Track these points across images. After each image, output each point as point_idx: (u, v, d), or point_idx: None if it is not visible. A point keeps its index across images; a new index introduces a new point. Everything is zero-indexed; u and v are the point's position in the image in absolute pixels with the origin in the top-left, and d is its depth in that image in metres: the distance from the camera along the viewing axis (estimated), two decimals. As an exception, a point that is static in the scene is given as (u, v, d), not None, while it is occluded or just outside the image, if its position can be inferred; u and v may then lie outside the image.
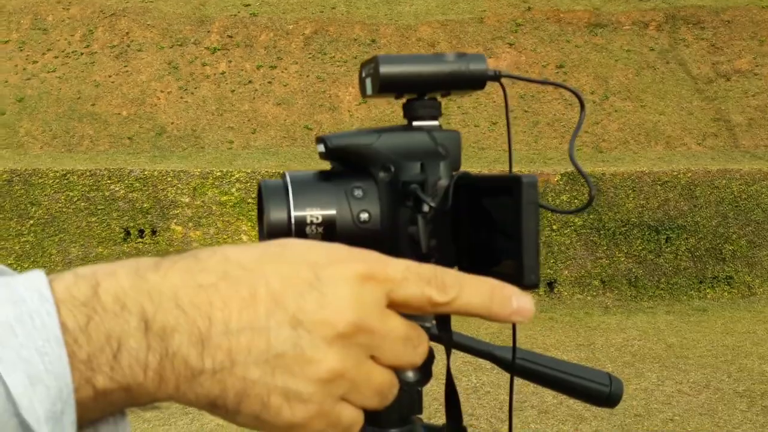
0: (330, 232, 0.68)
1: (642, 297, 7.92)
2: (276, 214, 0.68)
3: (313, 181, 0.70)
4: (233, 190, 7.78)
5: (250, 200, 7.75)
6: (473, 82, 0.71)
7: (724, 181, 8.01)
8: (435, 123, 0.72)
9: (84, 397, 0.43)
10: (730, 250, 7.99)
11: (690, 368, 5.83)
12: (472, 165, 8.55)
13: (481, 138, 9.87)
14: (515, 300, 0.52)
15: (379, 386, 0.49)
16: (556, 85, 0.76)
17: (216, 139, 10.15)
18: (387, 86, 0.69)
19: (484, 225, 0.64)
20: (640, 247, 7.96)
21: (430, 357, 0.70)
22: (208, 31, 11.50)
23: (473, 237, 0.66)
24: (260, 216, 0.71)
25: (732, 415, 4.89)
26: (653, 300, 7.90)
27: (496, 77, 0.73)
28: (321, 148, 0.71)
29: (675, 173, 8.02)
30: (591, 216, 7.91)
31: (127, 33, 11.59)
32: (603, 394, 0.84)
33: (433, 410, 4.36)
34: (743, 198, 8.01)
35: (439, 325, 0.68)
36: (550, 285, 7.92)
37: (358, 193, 0.69)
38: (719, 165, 8.50)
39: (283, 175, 0.71)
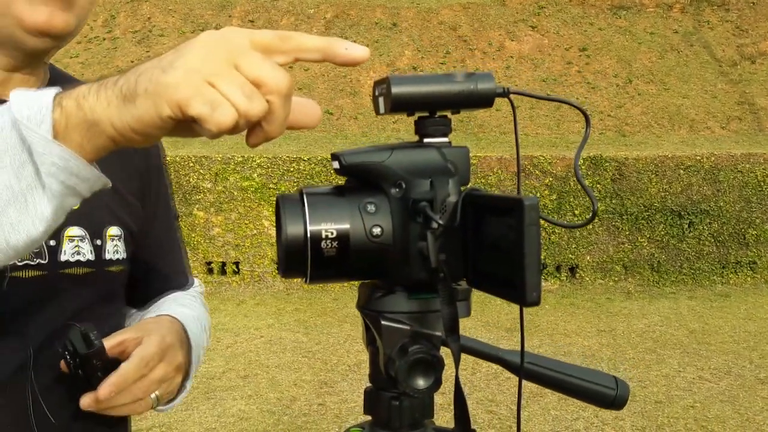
0: (344, 245, 0.72)
1: (664, 282, 7.89)
2: (293, 228, 0.72)
3: (328, 196, 0.74)
4: (255, 175, 7.84)
5: (271, 185, 7.81)
6: (482, 100, 0.74)
7: (747, 166, 7.94)
8: (445, 140, 0.75)
9: (57, 115, 0.68)
10: (753, 234, 7.94)
11: (712, 354, 5.83)
12: (494, 150, 8.54)
13: (503, 122, 9.84)
14: (348, 45, 0.69)
15: (243, 86, 0.65)
16: (563, 102, 0.79)
17: (238, 125, 10.21)
18: (399, 105, 0.72)
19: (489, 242, 0.67)
20: (662, 232, 7.93)
21: (440, 365, 0.73)
22: (230, 16, 11.54)
23: (480, 253, 0.69)
24: (278, 229, 0.75)
25: (753, 402, 4.89)
26: (676, 285, 7.88)
27: (505, 94, 0.76)
28: (336, 164, 0.75)
29: (698, 157, 7.96)
30: (613, 201, 7.88)
31: (149, 18, 11.67)
32: (609, 397, 0.87)
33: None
34: (767, 182, 7.94)
35: (448, 332, 0.71)
36: (572, 270, 7.92)
37: (370, 208, 0.72)
38: (743, 149, 8.42)
39: (300, 191, 0.74)
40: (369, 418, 0.81)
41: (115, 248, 1.21)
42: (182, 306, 1.32)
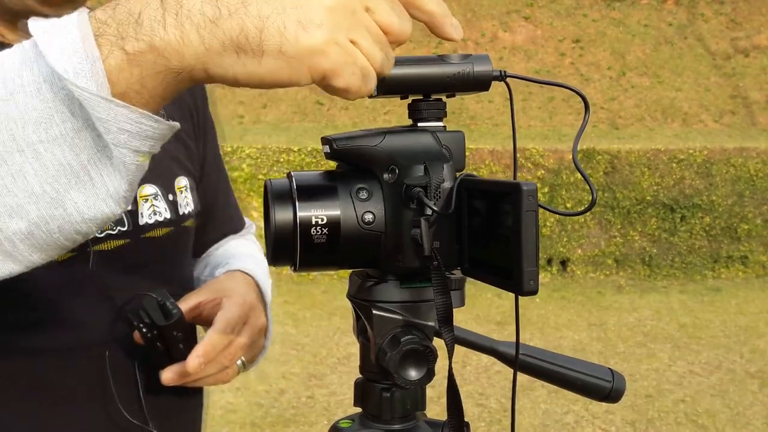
0: (334, 232, 0.69)
1: (656, 276, 7.90)
2: (281, 215, 0.69)
3: (318, 181, 0.71)
4: (244, 165, 7.80)
5: (260, 176, 7.77)
6: (478, 83, 0.72)
7: (740, 160, 7.94)
8: (440, 124, 0.73)
9: (118, 62, 0.53)
10: (745, 229, 7.95)
11: (702, 348, 5.83)
12: (487, 141, 8.51)
13: (495, 114, 9.82)
14: (456, 24, 0.65)
15: (378, 35, 0.58)
16: (560, 86, 0.76)
17: (226, 114, 10.16)
18: (391, 87, 0.70)
19: (485, 229, 0.65)
20: (654, 226, 7.93)
21: (433, 356, 0.71)
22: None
23: (475, 240, 0.66)
24: (266, 216, 0.72)
25: (743, 396, 4.90)
26: (667, 279, 7.88)
27: (502, 77, 0.73)
28: (326, 149, 0.72)
29: (691, 151, 7.96)
30: (605, 194, 7.88)
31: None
32: (605, 389, 0.85)
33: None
34: (760, 177, 7.95)
35: (441, 323, 0.69)
36: (563, 264, 7.91)
37: (362, 194, 0.70)
38: (736, 143, 8.42)
39: (288, 176, 0.71)
40: (359, 410, 0.79)
41: (185, 200, 1.11)
42: (248, 256, 1.23)
